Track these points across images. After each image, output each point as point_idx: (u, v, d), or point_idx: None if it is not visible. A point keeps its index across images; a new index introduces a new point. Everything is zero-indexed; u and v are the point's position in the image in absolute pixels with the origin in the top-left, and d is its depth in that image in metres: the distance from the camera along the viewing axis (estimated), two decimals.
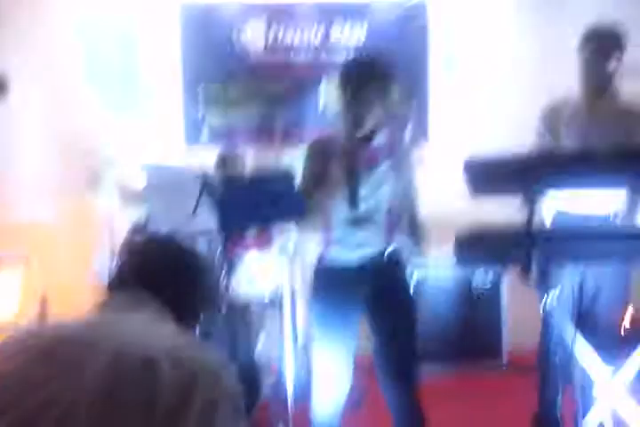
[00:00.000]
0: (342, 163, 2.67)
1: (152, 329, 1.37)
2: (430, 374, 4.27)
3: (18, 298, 4.37)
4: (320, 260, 2.82)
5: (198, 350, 1.32)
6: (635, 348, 2.67)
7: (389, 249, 2.77)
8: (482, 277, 4.39)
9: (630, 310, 3.40)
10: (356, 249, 2.74)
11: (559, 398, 3.08)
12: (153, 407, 1.19)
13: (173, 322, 1.52)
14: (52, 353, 1.27)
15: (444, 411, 3.77)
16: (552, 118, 3.11)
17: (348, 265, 2.75)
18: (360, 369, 2.89)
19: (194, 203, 2.42)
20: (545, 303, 2.80)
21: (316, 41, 4.95)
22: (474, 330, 4.45)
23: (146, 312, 1.47)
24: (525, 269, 2.42)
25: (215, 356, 1.33)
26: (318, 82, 4.90)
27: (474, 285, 4.42)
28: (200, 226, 2.48)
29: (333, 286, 2.77)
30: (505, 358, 4.45)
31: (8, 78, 2.83)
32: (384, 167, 2.73)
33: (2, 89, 2.79)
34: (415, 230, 2.86)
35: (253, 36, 4.94)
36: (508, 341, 4.46)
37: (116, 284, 1.61)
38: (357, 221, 2.70)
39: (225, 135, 4.93)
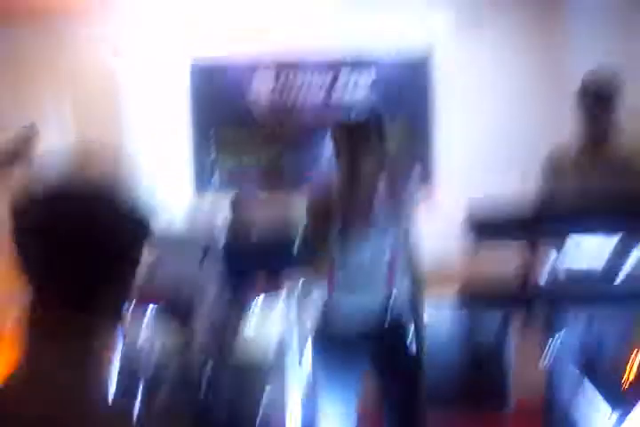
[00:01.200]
0: (339, 220, 2.69)
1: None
2: (436, 417, 4.30)
3: None
4: (322, 319, 2.82)
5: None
6: None
7: (391, 303, 2.76)
8: (488, 320, 4.40)
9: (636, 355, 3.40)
10: (357, 306, 2.75)
11: None
12: None
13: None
14: None
15: None
16: (554, 166, 3.14)
17: (350, 322, 2.75)
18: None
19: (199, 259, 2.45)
20: (549, 348, 2.84)
21: (323, 89, 5.04)
22: (479, 373, 4.45)
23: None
24: (529, 316, 2.47)
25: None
26: (326, 128, 4.97)
27: (480, 328, 4.43)
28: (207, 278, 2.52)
29: (336, 343, 2.78)
30: (511, 402, 4.44)
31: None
32: (381, 224, 2.74)
33: (31, 141, 2.88)
34: (416, 282, 2.87)
35: (262, 85, 5.02)
36: (514, 384, 4.42)
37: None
38: (359, 276, 2.72)
39: (235, 181, 4.97)
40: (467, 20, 4.85)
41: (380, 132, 2.74)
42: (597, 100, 3.02)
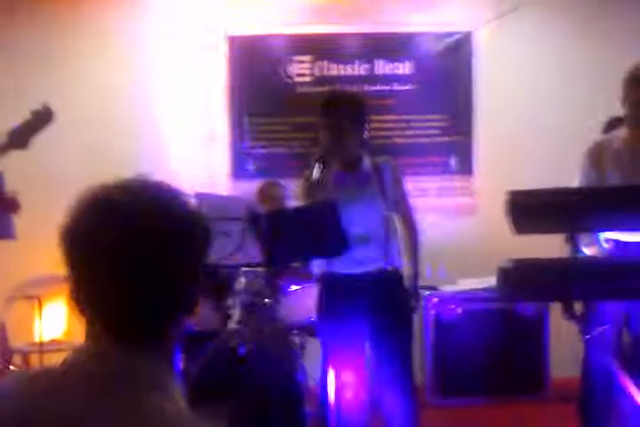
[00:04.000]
0: (330, 190, 2.89)
1: (148, 412, 1.01)
2: (474, 404, 4.32)
3: (65, 316, 4.49)
4: (323, 274, 3.04)
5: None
6: None
7: (388, 267, 2.99)
8: (527, 307, 4.39)
9: None
10: (355, 266, 2.93)
11: None
12: None
13: (173, 384, 1.06)
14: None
15: None
16: (597, 156, 3.07)
17: (349, 278, 2.95)
18: None
19: (240, 233, 2.48)
20: (588, 337, 2.81)
21: (361, 72, 5.02)
22: (518, 358, 4.44)
23: (147, 386, 1.01)
24: (568, 304, 2.44)
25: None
26: None
27: (518, 313, 4.42)
28: (246, 258, 2.54)
29: (336, 296, 2.98)
30: (549, 387, 4.43)
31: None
32: (370, 191, 2.95)
33: (49, 118, 2.90)
34: (414, 247, 3.09)
35: (299, 69, 5.03)
36: (553, 369, 4.43)
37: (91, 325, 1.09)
38: (356, 240, 2.83)
39: (270, 168, 4.99)
40: (507, 8, 4.81)
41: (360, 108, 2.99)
42: None
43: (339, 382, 3.01)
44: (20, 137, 2.85)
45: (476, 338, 4.41)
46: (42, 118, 2.88)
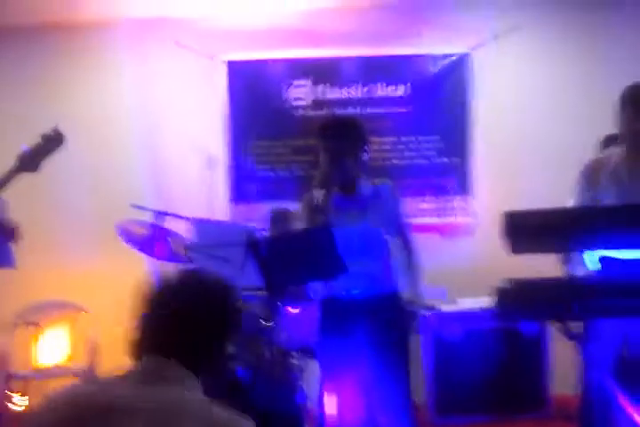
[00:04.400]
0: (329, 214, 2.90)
1: (185, 402, 1.42)
2: (475, 422, 4.31)
3: (68, 342, 4.49)
4: (322, 298, 3.09)
5: (230, 421, 1.41)
6: None
7: (387, 291, 3.01)
8: (527, 325, 4.40)
9: None
10: (355, 289, 2.96)
11: None
12: None
13: (199, 385, 1.50)
14: (87, 419, 1.37)
15: None
16: (593, 173, 3.07)
17: (348, 302, 2.97)
18: None
19: (240, 258, 2.50)
20: (585, 355, 2.81)
21: (359, 95, 5.06)
22: (519, 376, 4.44)
23: (174, 380, 1.46)
24: (566, 323, 2.45)
25: (248, 424, 1.42)
26: None
27: (521, 331, 4.43)
28: (246, 283, 2.56)
29: (335, 319, 3.02)
30: (550, 405, 4.42)
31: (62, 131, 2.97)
32: (370, 214, 2.98)
33: (59, 141, 2.93)
34: (413, 271, 3.10)
35: (299, 92, 5.07)
36: (554, 387, 4.43)
37: (141, 347, 1.54)
38: (355, 264, 2.82)
39: (271, 191, 5.02)
40: (503, 29, 4.86)
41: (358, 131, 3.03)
42: None
43: (337, 404, 3.02)
44: (31, 160, 2.87)
45: (477, 357, 4.42)
46: (52, 142, 2.91)
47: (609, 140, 3.69)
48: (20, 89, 4.99)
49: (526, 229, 2.35)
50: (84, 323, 4.44)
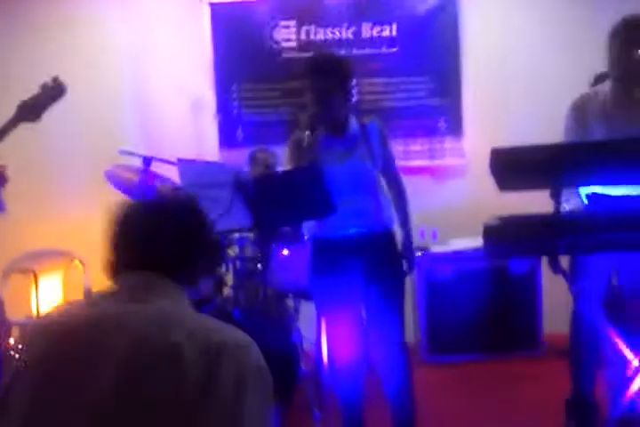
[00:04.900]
0: (314, 153, 2.86)
1: (172, 313, 1.42)
2: (468, 361, 4.39)
3: (62, 290, 4.53)
4: (314, 238, 3.06)
5: (220, 329, 1.40)
6: None
7: (379, 229, 3.00)
8: (517, 264, 4.44)
9: None
10: (346, 228, 2.95)
11: (592, 382, 3.11)
12: (181, 384, 1.27)
13: (185, 297, 1.50)
14: (78, 334, 1.37)
15: (482, 396, 3.85)
16: (582, 109, 3.04)
17: (340, 241, 2.96)
18: None
19: (228, 199, 2.49)
20: (574, 290, 2.84)
21: (347, 36, 4.99)
22: (511, 315, 4.50)
23: (160, 295, 1.45)
24: (554, 259, 2.47)
25: (238, 333, 1.40)
26: None
27: (511, 270, 4.47)
28: (235, 223, 2.56)
29: (327, 258, 3.00)
30: (543, 343, 4.49)
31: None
32: (358, 154, 2.95)
33: (60, 91, 2.90)
34: (402, 206, 3.10)
35: (285, 34, 4.99)
36: (546, 325, 4.49)
37: (120, 266, 1.53)
38: (346, 203, 2.84)
39: (259, 135, 4.97)
40: None
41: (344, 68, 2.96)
42: (635, 35, 2.87)
43: (332, 342, 3.06)
44: (32, 110, 2.84)
45: (469, 296, 4.47)
46: (52, 92, 2.88)
47: (600, 78, 3.65)
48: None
49: (514, 166, 2.34)
50: (78, 271, 4.46)
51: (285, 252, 3.65)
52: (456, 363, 4.43)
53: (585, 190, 2.80)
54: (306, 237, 3.37)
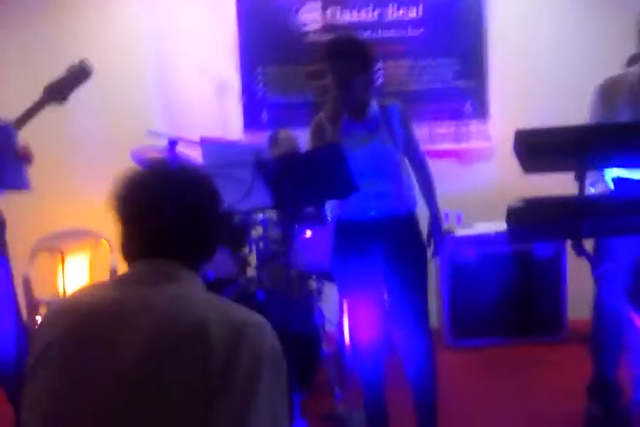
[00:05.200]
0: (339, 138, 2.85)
1: (192, 295, 1.43)
2: (491, 345, 4.39)
3: (89, 270, 4.59)
4: (337, 220, 3.04)
5: (236, 309, 1.41)
6: None
7: (402, 212, 2.98)
8: (541, 247, 4.42)
9: None
10: (369, 211, 2.93)
11: (615, 366, 3.10)
12: (205, 363, 1.28)
13: (199, 280, 1.49)
14: (103, 314, 1.39)
15: (504, 380, 3.85)
16: (609, 92, 3.00)
17: (363, 223, 2.95)
18: None
19: (249, 179, 2.50)
20: (598, 274, 2.82)
21: (372, 18, 4.96)
22: (534, 299, 4.49)
23: (177, 279, 1.44)
24: (578, 241, 2.45)
25: (255, 315, 1.40)
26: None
27: (535, 254, 4.45)
28: (256, 203, 2.57)
29: (350, 240, 2.98)
30: (567, 328, 4.48)
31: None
32: (379, 137, 2.92)
33: (86, 73, 2.93)
34: (428, 188, 3.07)
35: (310, 17, 4.97)
36: (570, 310, 4.47)
37: (135, 252, 1.50)
38: (368, 186, 2.83)
39: (284, 117, 4.96)
40: None
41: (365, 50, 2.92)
42: None
43: (354, 323, 3.07)
44: (58, 92, 2.87)
45: (493, 280, 4.46)
46: (78, 74, 2.90)
47: (634, 60, 3.60)
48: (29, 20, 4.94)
49: (538, 148, 2.32)
50: (104, 250, 4.51)
51: (309, 233, 3.67)
52: (479, 347, 4.43)
53: (610, 174, 2.78)
54: (329, 219, 3.37)
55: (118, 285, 1.46)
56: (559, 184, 2.49)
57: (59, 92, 2.88)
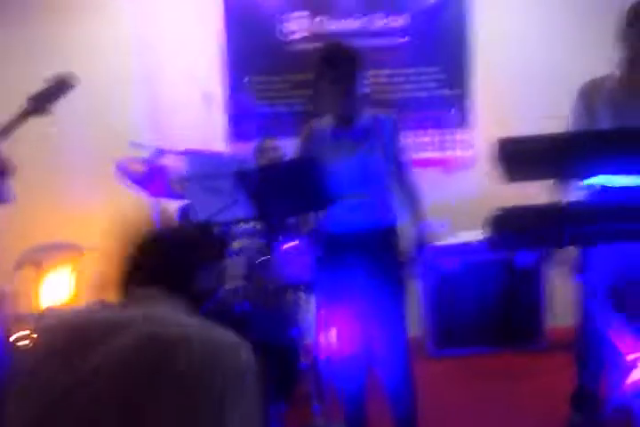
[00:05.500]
0: (326, 145, 2.86)
1: (177, 315, 1.52)
2: (473, 354, 4.37)
3: (71, 283, 4.54)
4: (318, 232, 3.05)
5: (219, 330, 1.46)
6: None
7: (383, 225, 2.97)
8: (522, 256, 4.42)
9: None
10: (351, 223, 2.93)
11: (597, 376, 3.09)
12: (181, 380, 1.31)
13: (188, 307, 1.60)
14: (86, 328, 1.44)
15: (487, 389, 3.84)
16: (589, 95, 2.99)
17: (344, 236, 2.95)
18: None
19: (232, 190, 2.49)
20: (579, 282, 2.82)
21: (358, 27, 4.96)
22: (516, 308, 4.48)
23: (161, 303, 1.56)
24: (559, 250, 2.45)
25: (233, 335, 1.46)
26: None
27: (515, 263, 4.44)
28: (238, 214, 2.55)
29: (330, 253, 2.99)
30: (547, 337, 4.47)
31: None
32: (367, 147, 2.91)
33: (69, 84, 2.92)
34: (412, 202, 3.04)
35: (297, 25, 4.97)
36: (551, 319, 4.47)
37: (131, 280, 1.66)
38: (352, 197, 2.85)
39: (270, 127, 4.94)
40: None
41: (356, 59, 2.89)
42: None
43: (333, 337, 3.04)
44: (40, 103, 2.85)
45: (475, 289, 4.46)
46: (62, 84, 2.89)
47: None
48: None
49: (520, 156, 2.32)
50: (86, 263, 4.47)
51: (290, 244, 3.64)
52: (460, 356, 4.42)
53: (589, 181, 2.77)
54: (311, 231, 3.35)
55: (107, 307, 1.57)
56: (542, 192, 2.49)
57: (40, 104, 2.86)
